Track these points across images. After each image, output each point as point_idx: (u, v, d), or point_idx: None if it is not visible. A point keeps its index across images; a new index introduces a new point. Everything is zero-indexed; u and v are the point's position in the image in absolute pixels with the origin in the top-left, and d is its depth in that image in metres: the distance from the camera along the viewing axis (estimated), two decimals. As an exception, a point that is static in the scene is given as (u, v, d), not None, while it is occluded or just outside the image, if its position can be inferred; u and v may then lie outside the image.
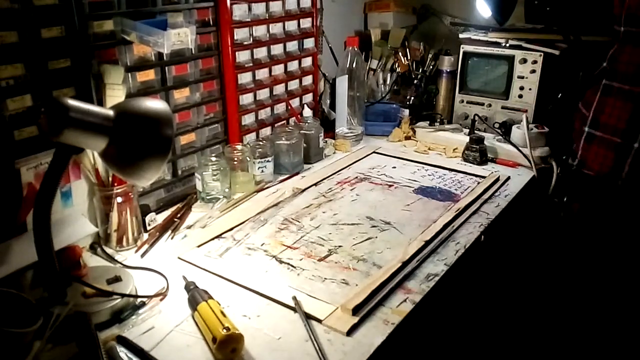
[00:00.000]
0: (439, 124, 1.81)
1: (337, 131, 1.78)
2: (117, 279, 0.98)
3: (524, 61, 1.69)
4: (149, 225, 1.21)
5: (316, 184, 1.47)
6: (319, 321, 0.91)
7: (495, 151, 1.63)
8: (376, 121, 1.89)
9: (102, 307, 0.90)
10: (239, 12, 1.40)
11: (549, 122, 1.64)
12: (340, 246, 1.15)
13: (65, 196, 1.10)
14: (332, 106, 1.79)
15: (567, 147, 1.47)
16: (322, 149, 1.66)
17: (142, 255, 1.13)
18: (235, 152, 1.41)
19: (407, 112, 1.90)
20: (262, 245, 1.16)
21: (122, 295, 0.93)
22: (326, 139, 1.69)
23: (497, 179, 1.48)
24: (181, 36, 1.19)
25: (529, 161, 1.55)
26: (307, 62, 1.70)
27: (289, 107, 1.65)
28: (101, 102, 1.10)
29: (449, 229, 1.22)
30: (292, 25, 1.60)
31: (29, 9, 0.97)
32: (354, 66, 1.77)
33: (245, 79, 1.47)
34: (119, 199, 1.12)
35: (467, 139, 1.64)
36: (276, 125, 1.61)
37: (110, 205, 1.12)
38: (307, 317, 0.91)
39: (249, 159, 1.42)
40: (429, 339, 1.15)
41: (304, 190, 1.43)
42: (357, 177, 1.52)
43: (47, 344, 0.81)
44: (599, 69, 1.37)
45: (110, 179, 1.11)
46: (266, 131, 1.58)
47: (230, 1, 1.36)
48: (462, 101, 1.85)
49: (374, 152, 1.71)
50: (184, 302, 0.95)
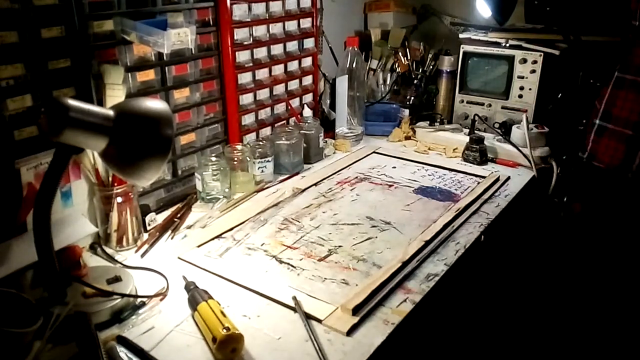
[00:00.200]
0: (439, 124, 1.81)
1: (337, 131, 1.78)
2: (117, 279, 0.98)
3: (524, 61, 1.69)
4: (149, 225, 1.21)
5: (316, 184, 1.47)
6: (319, 321, 0.91)
7: (495, 151, 1.63)
8: (376, 121, 1.89)
9: (102, 307, 0.90)
10: (239, 12, 1.40)
11: (549, 122, 1.64)
12: (340, 246, 1.15)
13: (65, 196, 1.10)
14: (332, 106, 1.79)
15: (567, 146, 1.47)
16: (322, 149, 1.65)
17: (142, 255, 1.13)
18: (235, 152, 1.41)
19: (407, 112, 1.90)
20: (262, 245, 1.16)
21: (122, 295, 0.93)
22: (326, 139, 1.69)
23: (497, 179, 1.48)
24: (181, 36, 1.19)
25: (529, 161, 1.55)
26: (307, 62, 1.70)
27: (289, 107, 1.65)
28: (101, 102, 1.10)
29: (449, 229, 1.22)
30: (292, 25, 1.60)
31: (29, 9, 0.97)
32: (354, 66, 1.77)
33: (245, 79, 1.47)
34: (119, 199, 1.12)
35: (467, 139, 1.64)
36: (276, 125, 1.61)
37: (110, 205, 1.12)
38: (307, 317, 0.91)
39: (249, 159, 1.42)
40: (429, 339, 1.14)
41: (304, 190, 1.43)
42: (357, 177, 1.52)
43: (47, 344, 0.81)
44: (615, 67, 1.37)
45: (110, 179, 1.11)
46: (266, 131, 1.58)
47: (230, 1, 1.36)
48: (462, 101, 1.85)
49: (374, 152, 1.71)
50: (184, 302, 0.95)
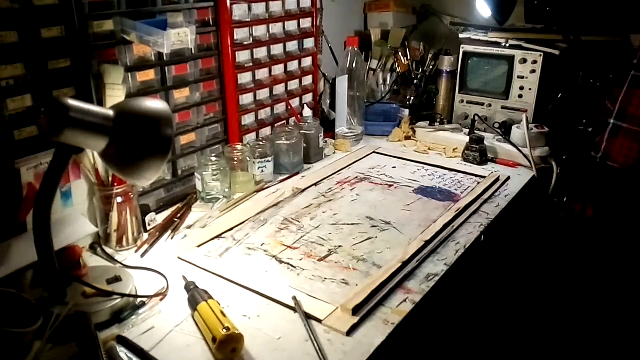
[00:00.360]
0: (439, 124, 1.81)
1: (337, 131, 1.78)
2: (117, 279, 0.98)
3: (524, 61, 1.69)
4: (149, 225, 1.21)
5: (316, 184, 1.47)
6: (319, 321, 0.91)
7: (495, 151, 1.63)
8: (376, 121, 1.89)
9: (102, 307, 0.90)
10: (239, 12, 1.40)
11: (549, 122, 1.64)
12: (340, 246, 1.15)
13: (65, 196, 1.10)
14: (332, 106, 1.79)
15: (567, 146, 1.47)
16: (322, 149, 1.65)
17: (142, 255, 1.13)
18: (235, 152, 1.41)
19: (407, 112, 1.90)
20: (262, 245, 1.16)
21: (122, 295, 0.93)
22: (326, 139, 1.69)
23: (497, 179, 1.47)
24: (181, 36, 1.19)
25: (529, 161, 1.55)
26: (307, 62, 1.70)
27: (289, 107, 1.65)
28: (101, 102, 1.10)
29: (449, 229, 1.22)
30: (292, 25, 1.60)
31: (29, 9, 0.97)
32: (354, 66, 1.77)
33: (245, 79, 1.47)
34: (119, 199, 1.12)
35: (467, 139, 1.64)
36: (276, 125, 1.61)
37: (110, 205, 1.12)
38: (307, 317, 0.91)
39: (249, 159, 1.42)
40: (429, 339, 1.14)
41: (304, 190, 1.43)
42: (357, 177, 1.52)
43: (47, 344, 0.81)
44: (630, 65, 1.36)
45: (110, 179, 1.11)
46: (266, 131, 1.58)
47: (230, 1, 1.36)
48: (462, 101, 1.85)
49: (374, 152, 1.71)
50: (184, 302, 0.95)
